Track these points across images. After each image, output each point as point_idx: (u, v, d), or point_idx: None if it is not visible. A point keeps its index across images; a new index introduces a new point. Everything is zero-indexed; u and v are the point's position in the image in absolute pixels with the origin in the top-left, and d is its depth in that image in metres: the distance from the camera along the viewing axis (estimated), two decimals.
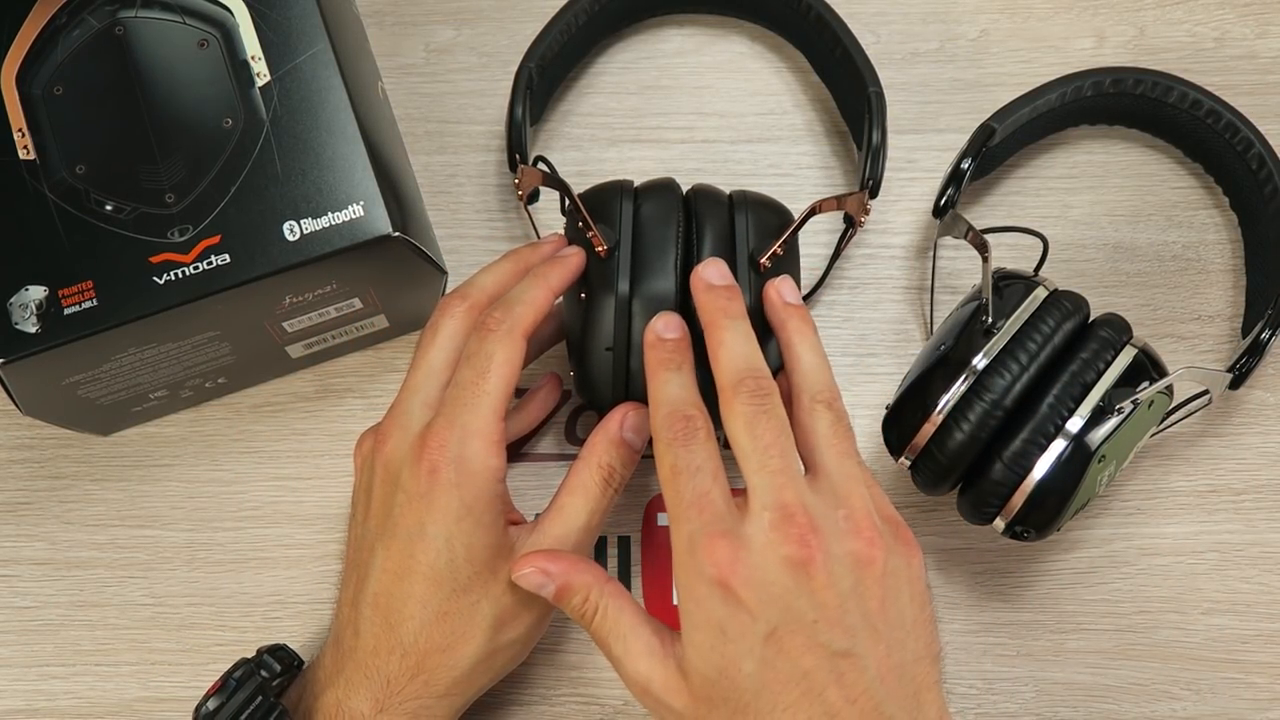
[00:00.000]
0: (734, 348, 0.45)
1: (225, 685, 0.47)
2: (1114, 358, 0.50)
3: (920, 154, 0.62)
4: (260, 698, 0.47)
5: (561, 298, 0.52)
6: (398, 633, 0.46)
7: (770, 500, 0.42)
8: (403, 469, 0.47)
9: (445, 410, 0.47)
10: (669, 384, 0.45)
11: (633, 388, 0.50)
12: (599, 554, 0.57)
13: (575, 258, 0.50)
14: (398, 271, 0.52)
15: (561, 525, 0.48)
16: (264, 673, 0.48)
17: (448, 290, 0.59)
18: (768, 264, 0.49)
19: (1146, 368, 0.50)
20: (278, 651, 0.50)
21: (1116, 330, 0.50)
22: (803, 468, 0.45)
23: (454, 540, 0.46)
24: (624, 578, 0.57)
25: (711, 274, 0.48)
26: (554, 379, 0.58)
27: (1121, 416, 0.49)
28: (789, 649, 0.41)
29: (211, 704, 0.47)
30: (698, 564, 0.42)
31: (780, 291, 0.48)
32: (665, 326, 0.47)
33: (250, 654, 0.50)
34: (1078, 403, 0.49)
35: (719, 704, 0.42)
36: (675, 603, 0.45)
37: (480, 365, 0.47)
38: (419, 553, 0.46)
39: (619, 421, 0.49)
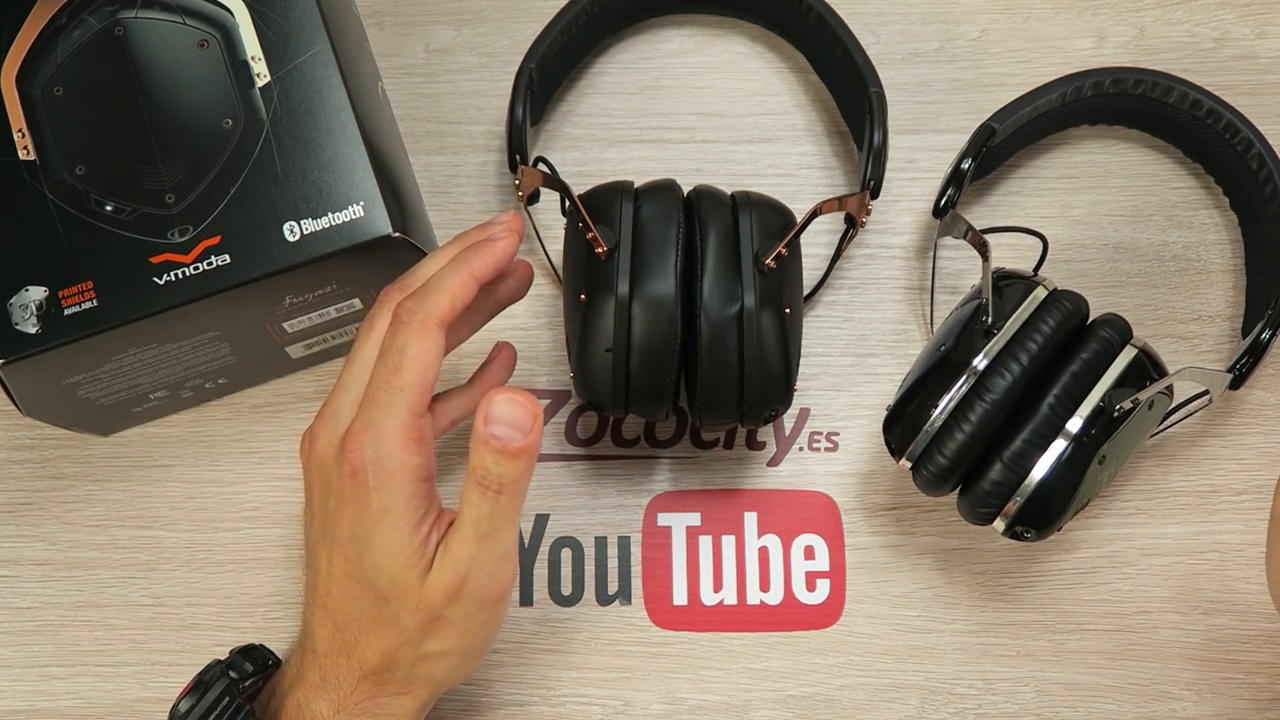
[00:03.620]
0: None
1: (197, 686, 0.48)
2: (1114, 358, 0.50)
3: (920, 154, 0.62)
4: (228, 699, 0.47)
5: (562, 300, 0.51)
6: (344, 635, 0.46)
7: None
8: (331, 472, 0.46)
9: (362, 411, 0.45)
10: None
11: (633, 388, 0.50)
12: (599, 553, 0.57)
13: (504, 242, 0.48)
14: (398, 272, 0.52)
15: (456, 538, 0.45)
16: (233, 673, 0.48)
17: None
18: (772, 265, 0.49)
19: (1146, 368, 0.50)
20: (252, 652, 0.50)
21: (1116, 330, 0.50)
22: None
23: (374, 545, 0.45)
24: (624, 578, 0.57)
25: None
26: (507, 350, 0.55)
27: (1121, 417, 0.49)
28: None
29: (184, 705, 0.47)
30: None
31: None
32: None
33: (222, 656, 0.50)
34: (1078, 403, 0.49)
35: None
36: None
37: (393, 361, 0.45)
38: (350, 558, 0.45)
39: (483, 416, 0.43)
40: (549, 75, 0.59)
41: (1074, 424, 0.48)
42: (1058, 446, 0.48)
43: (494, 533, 0.45)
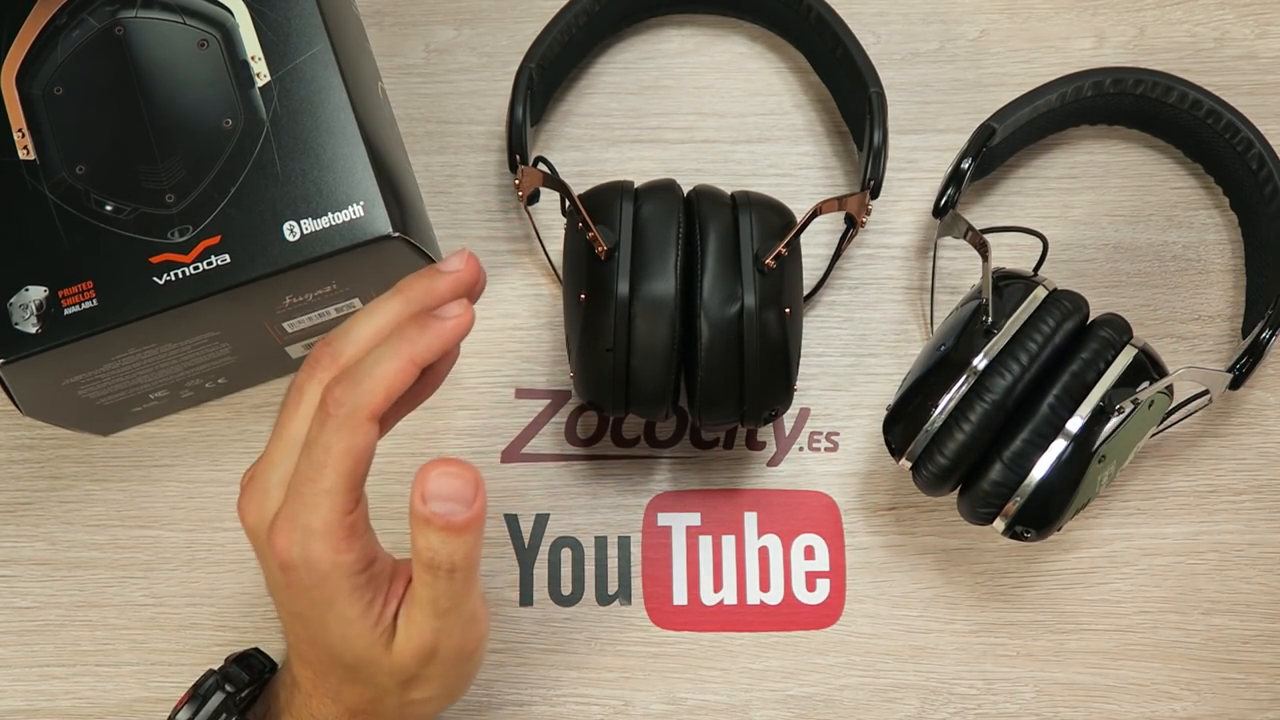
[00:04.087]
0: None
1: (194, 698, 0.47)
2: (1114, 358, 0.50)
3: (920, 154, 0.62)
4: (225, 714, 0.47)
5: (562, 300, 0.51)
6: (325, 683, 0.45)
7: None
8: (264, 555, 0.43)
9: (286, 506, 0.41)
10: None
11: (633, 389, 0.50)
12: (599, 553, 0.57)
13: (453, 323, 0.41)
14: (398, 272, 0.52)
15: (417, 611, 0.43)
16: (230, 685, 0.48)
17: None
18: (772, 265, 0.49)
19: (1146, 368, 0.50)
20: (248, 659, 0.50)
21: (1116, 330, 0.50)
22: None
23: (329, 631, 0.43)
24: (624, 578, 0.57)
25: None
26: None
27: (1121, 416, 0.49)
28: None
29: (182, 716, 0.47)
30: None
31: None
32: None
33: (219, 662, 0.50)
34: (1078, 403, 0.49)
35: None
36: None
37: (318, 458, 0.40)
38: (310, 632, 0.44)
39: (419, 494, 0.40)
40: (549, 75, 0.59)
41: (1074, 424, 0.48)
42: (1058, 446, 0.48)
43: (454, 607, 0.42)
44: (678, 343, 0.50)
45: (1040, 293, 0.51)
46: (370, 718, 0.46)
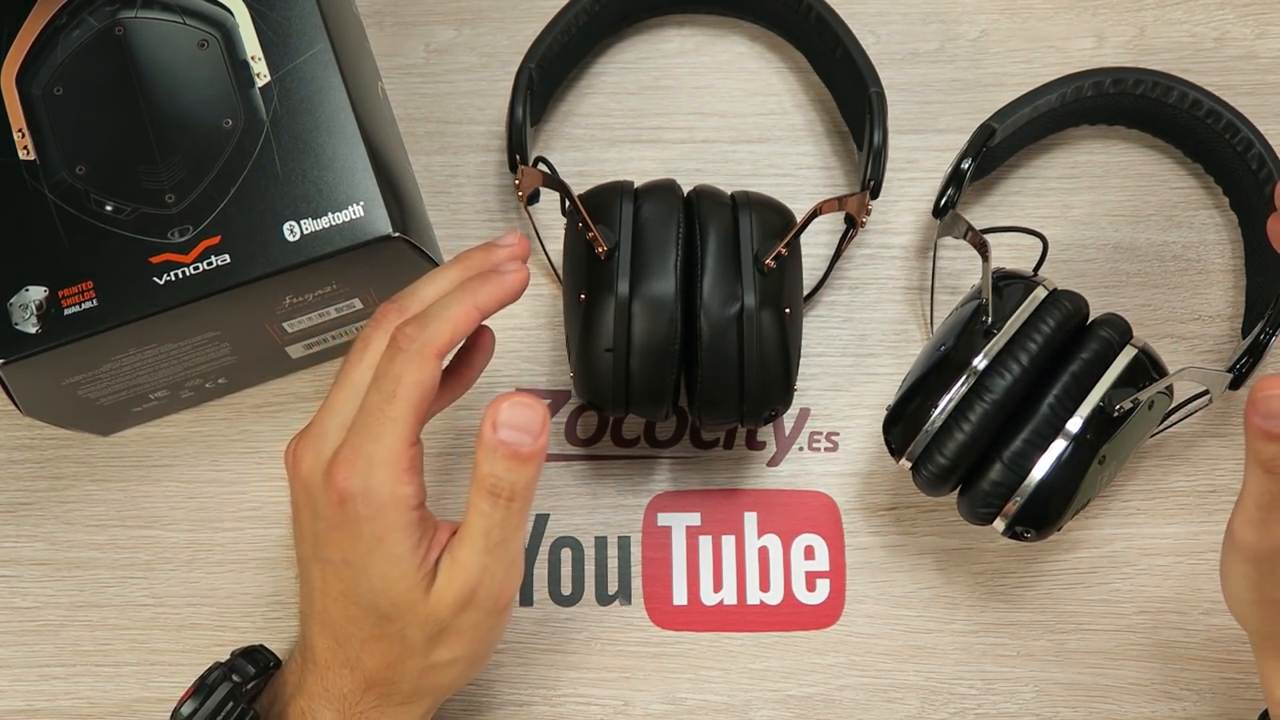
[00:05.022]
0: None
1: (199, 689, 0.47)
2: (1114, 358, 0.50)
3: (920, 154, 0.62)
4: (231, 703, 0.47)
5: (562, 300, 0.51)
6: (345, 650, 0.46)
7: None
8: (318, 496, 0.44)
9: (351, 438, 0.44)
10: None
11: (633, 389, 0.50)
12: (599, 553, 0.57)
13: (514, 276, 0.46)
14: (398, 272, 0.52)
15: (465, 548, 0.44)
16: (236, 676, 0.48)
17: None
18: (772, 265, 0.49)
19: (1146, 368, 0.50)
20: (253, 654, 0.50)
21: (1116, 330, 0.50)
22: None
23: (370, 572, 0.44)
24: (624, 578, 0.57)
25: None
26: (487, 335, 0.51)
27: (1121, 417, 0.49)
28: None
29: (186, 709, 0.47)
30: None
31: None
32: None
33: (223, 658, 0.50)
34: (1077, 403, 0.49)
35: None
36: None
37: (387, 389, 0.43)
38: (345, 580, 0.45)
39: (491, 421, 0.42)
40: (549, 75, 0.59)
41: (1074, 424, 0.48)
42: (1058, 446, 0.48)
43: (505, 541, 0.44)
44: (678, 343, 0.50)
45: (1040, 293, 0.51)
46: (387, 688, 0.46)
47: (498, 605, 0.46)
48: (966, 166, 0.56)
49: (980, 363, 0.49)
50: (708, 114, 0.62)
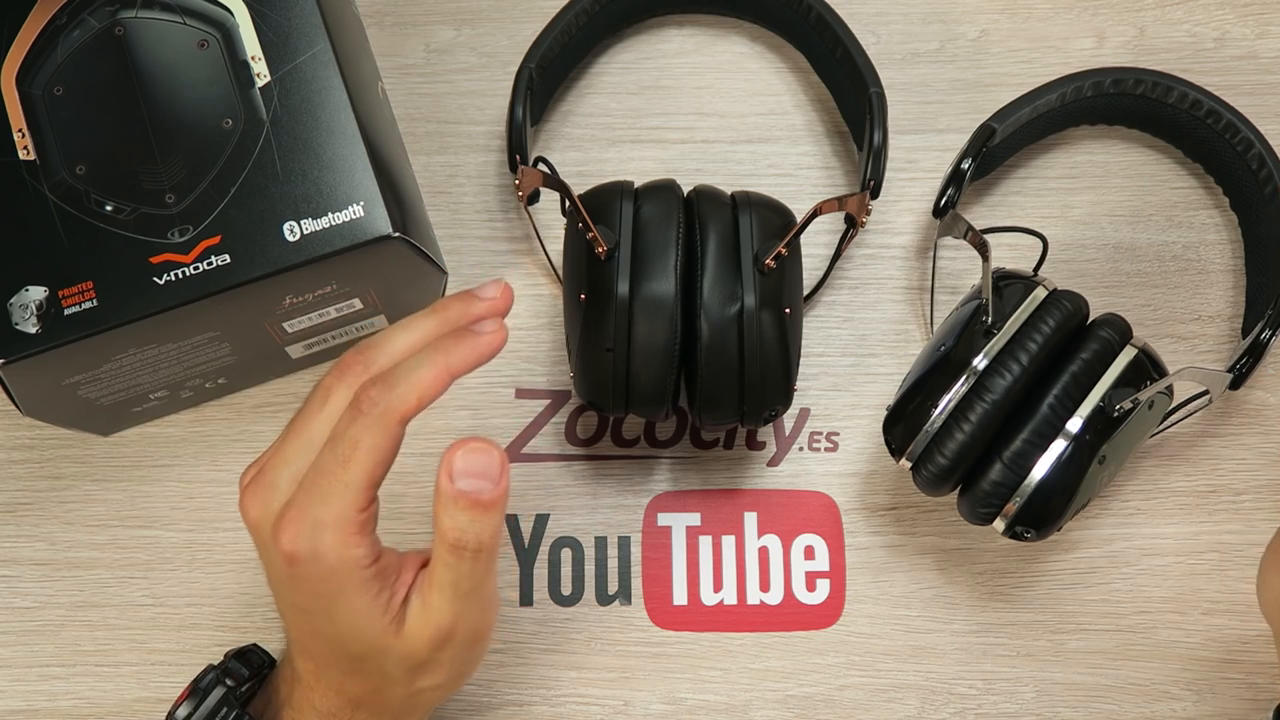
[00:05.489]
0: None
1: (194, 692, 0.47)
2: (1114, 358, 0.50)
3: (920, 154, 0.62)
4: (226, 708, 0.47)
5: (562, 300, 0.51)
6: (327, 676, 0.45)
7: None
8: (267, 549, 0.43)
9: (300, 496, 0.42)
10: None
11: (633, 388, 0.50)
12: (599, 553, 0.57)
13: (490, 338, 0.42)
14: (398, 272, 0.52)
15: (435, 595, 0.43)
16: (230, 680, 0.48)
17: (447, 292, 0.59)
18: (772, 265, 0.49)
19: (1146, 368, 0.50)
20: (247, 655, 0.50)
21: (1116, 330, 0.50)
22: None
23: (336, 622, 0.43)
24: (624, 578, 0.57)
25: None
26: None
27: (1121, 417, 0.49)
28: None
29: (181, 711, 0.47)
30: None
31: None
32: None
33: (219, 659, 0.50)
34: (1077, 403, 0.49)
35: None
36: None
37: (343, 452, 0.41)
38: (314, 625, 0.44)
39: (447, 471, 0.40)
40: (549, 75, 0.59)
41: (1074, 424, 0.48)
42: (1058, 446, 0.48)
43: (476, 589, 0.43)
44: (678, 343, 0.50)
45: (1040, 293, 0.51)
46: (373, 708, 0.46)
47: (476, 639, 0.45)
48: (966, 166, 0.56)
49: (980, 363, 0.49)
50: (708, 114, 0.62)
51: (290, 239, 0.49)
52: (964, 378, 0.49)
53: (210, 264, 0.48)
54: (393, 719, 0.46)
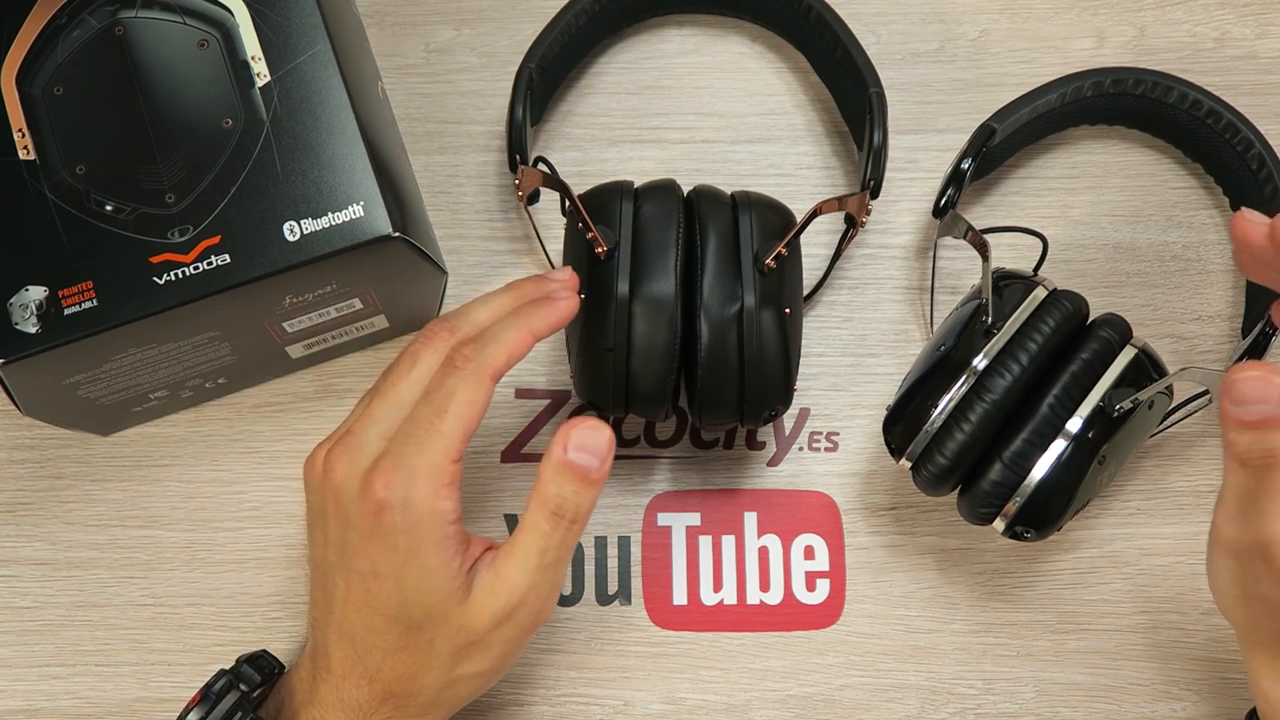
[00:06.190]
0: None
1: (205, 698, 0.47)
2: (1114, 358, 0.50)
3: (920, 154, 0.62)
4: (240, 713, 0.47)
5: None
6: (364, 661, 0.46)
7: None
8: (351, 504, 0.44)
9: (394, 448, 0.44)
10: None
11: (632, 388, 0.50)
12: (599, 553, 0.57)
13: (566, 303, 0.47)
14: (398, 272, 0.52)
15: (514, 565, 0.45)
16: (243, 685, 0.48)
17: (447, 292, 0.59)
18: (772, 265, 0.49)
19: (1146, 368, 0.50)
20: (258, 660, 0.50)
21: (1116, 330, 0.50)
22: None
23: (404, 583, 0.44)
24: (624, 578, 0.57)
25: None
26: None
27: (1121, 417, 0.49)
28: None
29: (193, 717, 0.47)
30: None
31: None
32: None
33: (230, 663, 0.50)
34: (1077, 403, 0.49)
35: None
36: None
37: (439, 403, 0.44)
38: (374, 590, 0.45)
39: (562, 444, 0.44)
40: (549, 75, 0.59)
41: (1074, 424, 0.48)
42: (1057, 446, 0.48)
43: (558, 561, 0.45)
44: (678, 343, 0.50)
45: (1040, 293, 0.51)
46: (404, 698, 0.46)
47: (535, 622, 0.46)
48: (966, 166, 0.56)
49: (980, 363, 0.49)
50: (708, 114, 0.62)
51: (290, 239, 0.49)
52: (964, 378, 0.49)
53: (210, 264, 0.48)
54: (419, 712, 0.46)
